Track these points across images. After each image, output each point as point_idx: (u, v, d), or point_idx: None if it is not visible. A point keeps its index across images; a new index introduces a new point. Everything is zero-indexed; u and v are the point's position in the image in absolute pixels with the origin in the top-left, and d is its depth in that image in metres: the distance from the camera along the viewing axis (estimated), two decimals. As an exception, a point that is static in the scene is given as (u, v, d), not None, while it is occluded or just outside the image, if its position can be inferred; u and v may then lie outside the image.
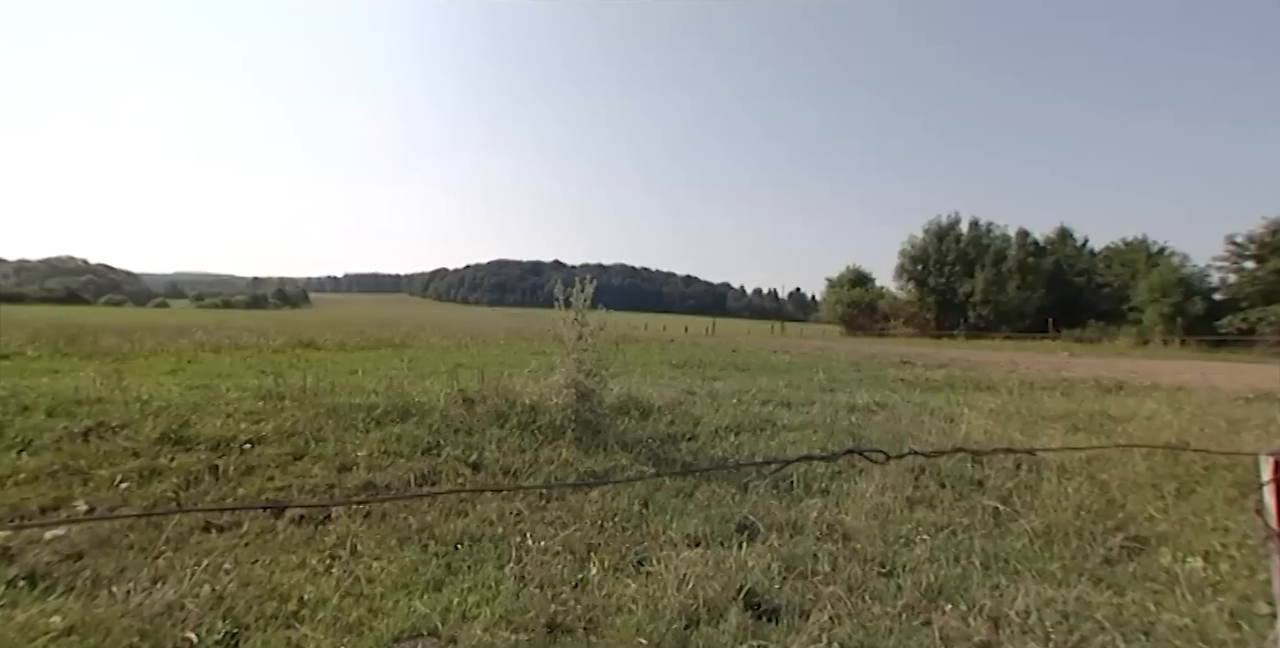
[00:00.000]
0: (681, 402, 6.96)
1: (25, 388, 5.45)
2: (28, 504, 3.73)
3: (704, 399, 7.27)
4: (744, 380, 9.77)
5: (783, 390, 8.38)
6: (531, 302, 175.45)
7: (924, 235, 50.10)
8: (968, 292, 46.10)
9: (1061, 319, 38.29)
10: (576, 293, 5.79)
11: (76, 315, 33.25)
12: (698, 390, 7.87)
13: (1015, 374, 12.44)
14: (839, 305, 53.93)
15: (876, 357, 16.91)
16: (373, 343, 14.73)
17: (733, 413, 6.69)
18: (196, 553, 3.42)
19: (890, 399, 7.98)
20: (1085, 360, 17.98)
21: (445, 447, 5.08)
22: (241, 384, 6.65)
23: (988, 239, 47.64)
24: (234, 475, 4.41)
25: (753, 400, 7.41)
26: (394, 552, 3.60)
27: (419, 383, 6.80)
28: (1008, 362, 16.17)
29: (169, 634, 2.61)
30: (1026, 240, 46.36)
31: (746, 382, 9.44)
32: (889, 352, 19.62)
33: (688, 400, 7.11)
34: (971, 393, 9.46)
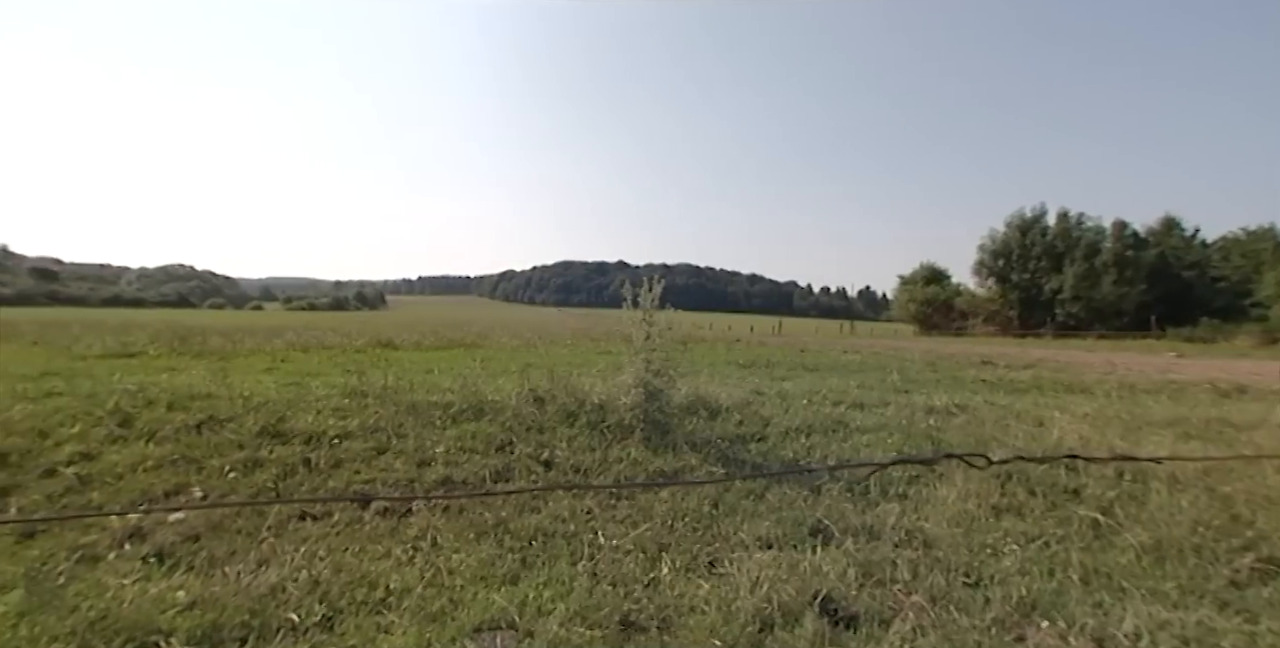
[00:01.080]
0: (750, 402, 6.88)
1: (149, 384, 6.00)
2: (154, 489, 4.11)
3: (773, 400, 7.15)
4: (813, 381, 9.55)
5: (854, 391, 8.13)
6: (596, 302, 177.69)
7: (1005, 229, 47.35)
8: (1055, 288, 43.19)
9: (1167, 316, 35.15)
10: (644, 293, 5.82)
11: (186, 318, 36.27)
12: (766, 391, 7.75)
13: (1113, 376, 11.57)
14: (912, 304, 51.80)
15: (954, 357, 16.13)
16: (446, 343, 15.32)
17: (803, 414, 6.54)
18: (294, 540, 3.67)
19: (971, 401, 7.59)
20: (1197, 362, 16.47)
21: (518, 444, 5.22)
22: (329, 382, 7.05)
23: (1078, 232, 44.46)
24: (324, 468, 4.68)
25: (823, 401, 7.23)
26: (472, 545, 3.73)
27: (491, 382, 7.01)
28: (1103, 362, 15.06)
29: (274, 615, 2.81)
30: (1125, 232, 42.88)
31: (816, 382, 9.21)
32: (967, 352, 18.67)
33: (756, 401, 7.01)
34: (1062, 395, 8.87)
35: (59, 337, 12.30)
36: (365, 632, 2.74)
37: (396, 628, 2.79)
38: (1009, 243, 46.54)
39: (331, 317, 55.61)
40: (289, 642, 2.62)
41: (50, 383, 5.98)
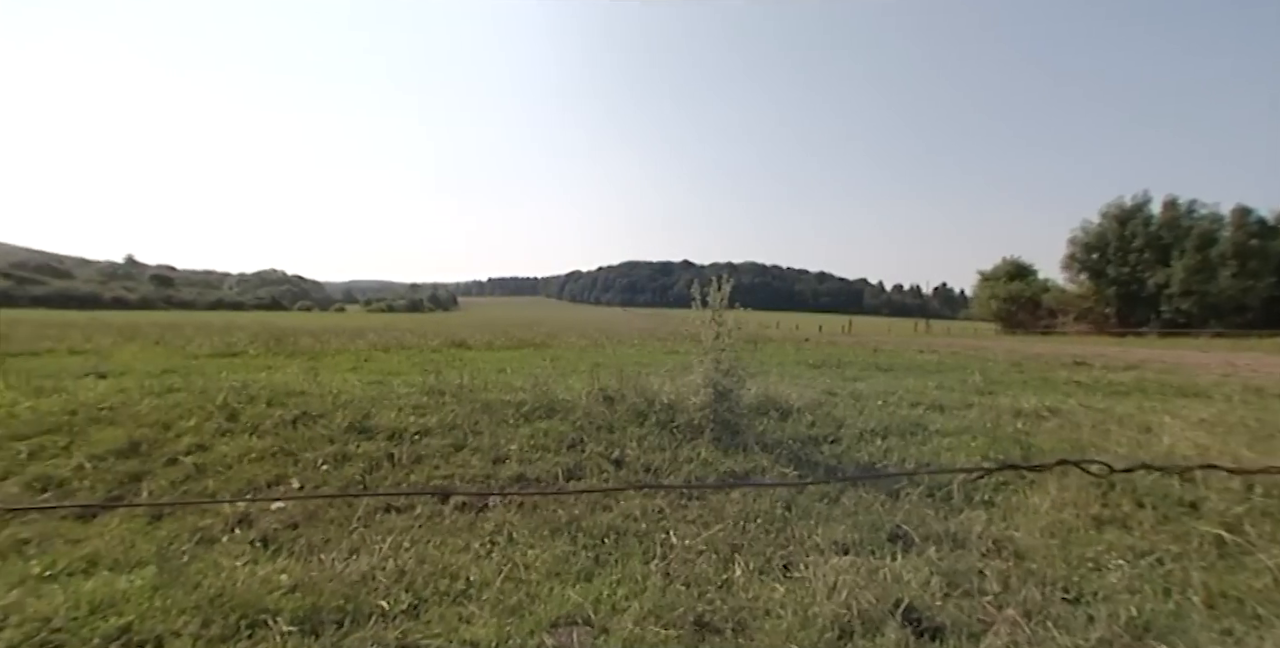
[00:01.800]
0: (822, 403, 6.70)
1: (251, 381, 6.48)
2: (258, 479, 4.43)
3: (846, 401, 6.94)
4: (888, 381, 9.20)
5: (933, 392, 7.77)
6: (661, 302, 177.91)
7: (1101, 220, 43.99)
8: (1160, 282, 39.76)
9: (1302, 312, 31.64)
10: (713, 292, 5.78)
11: (279, 319, 38.96)
12: (838, 391, 7.53)
13: (1234, 378, 10.54)
14: (994, 301, 49.03)
15: (1042, 357, 15.15)
16: (516, 343, 15.75)
17: (878, 415, 6.32)
18: (381, 531, 3.86)
19: (1065, 405, 7.10)
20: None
21: (588, 443, 5.29)
22: (409, 381, 7.38)
23: (1189, 221, 40.68)
24: (406, 463, 4.91)
25: (899, 403, 6.95)
26: (546, 541, 3.82)
27: (561, 381, 7.15)
28: (1221, 363, 13.75)
29: (365, 600, 2.97)
30: (1248, 219, 38.76)
31: (891, 383, 8.88)
32: (1057, 351, 17.49)
33: (828, 402, 6.82)
34: (1172, 399, 8.16)
35: (175, 337, 13.50)
36: (448, 621, 2.85)
37: (477, 619, 2.89)
38: (1105, 235, 43.23)
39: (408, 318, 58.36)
40: (380, 627, 2.75)
41: (170, 380, 6.57)
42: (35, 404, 5.25)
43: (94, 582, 2.87)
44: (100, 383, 6.38)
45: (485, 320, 46.25)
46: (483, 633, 2.74)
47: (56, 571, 3.05)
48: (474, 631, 2.77)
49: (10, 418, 4.91)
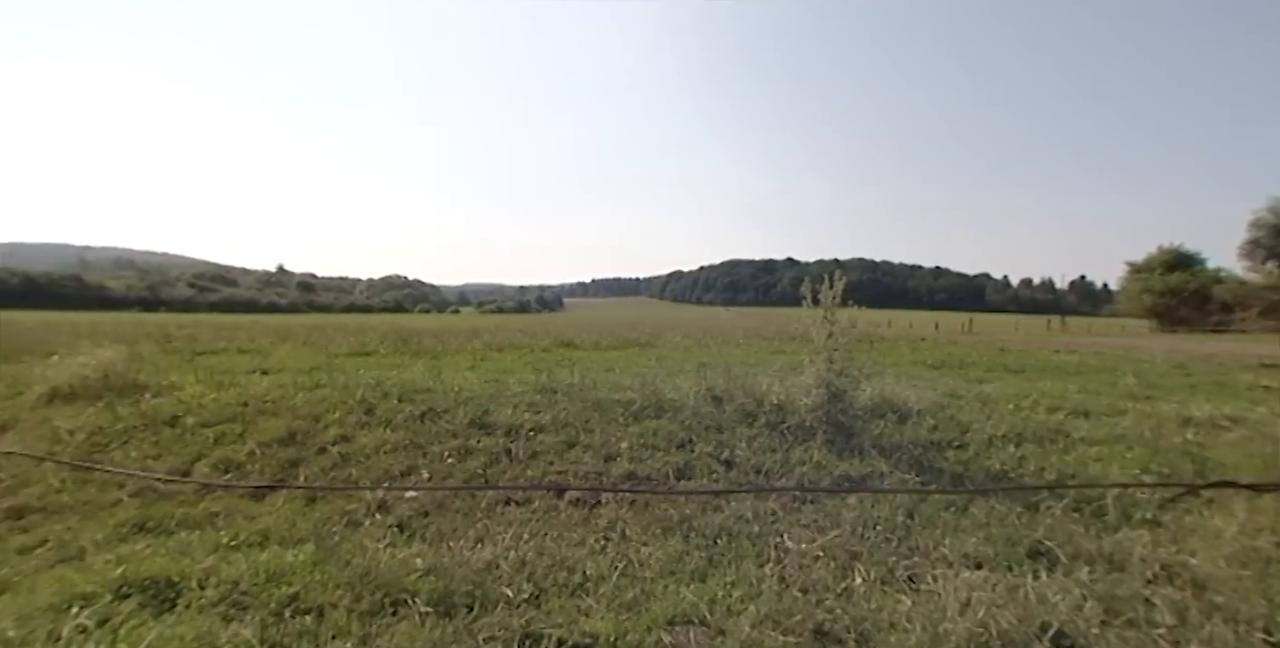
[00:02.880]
0: (944, 406, 6.27)
1: (384, 379, 7.08)
2: (393, 469, 4.82)
3: (971, 404, 6.44)
4: (1019, 384, 8.44)
5: (1075, 396, 7.03)
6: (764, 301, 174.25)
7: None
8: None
9: None
10: (825, 290, 5.57)
11: (403, 321, 42.11)
12: (962, 394, 7.00)
13: None
14: (1147, 295, 43.62)
15: (1215, 357, 13.28)
16: (621, 343, 16.04)
17: (1009, 421, 5.81)
18: (502, 522, 4.07)
19: (1252, 414, 6.15)
20: None
21: (697, 443, 5.28)
22: (522, 379, 7.72)
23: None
24: (523, 458, 5.13)
25: (1034, 407, 6.35)
26: (659, 540, 3.85)
27: (668, 381, 7.19)
28: None
29: (491, 587, 3.14)
30: None
31: (1023, 385, 8.14)
32: (1235, 351, 15.27)
33: (951, 405, 6.37)
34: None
35: (318, 338, 15.03)
36: (567, 613, 2.95)
37: (595, 613, 2.97)
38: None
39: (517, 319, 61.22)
40: (505, 614, 2.90)
41: (317, 376, 7.31)
42: (217, 396, 6.03)
43: (267, 554, 3.25)
44: (264, 379, 7.21)
45: (590, 321, 47.56)
46: (601, 626, 2.81)
47: (239, 542, 3.49)
48: (593, 624, 2.85)
49: (200, 408, 5.68)
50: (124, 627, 2.47)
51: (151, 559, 3.16)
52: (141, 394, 6.10)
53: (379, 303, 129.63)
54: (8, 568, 3.16)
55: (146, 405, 5.79)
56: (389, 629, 2.71)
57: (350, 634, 2.62)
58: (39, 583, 2.93)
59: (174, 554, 3.28)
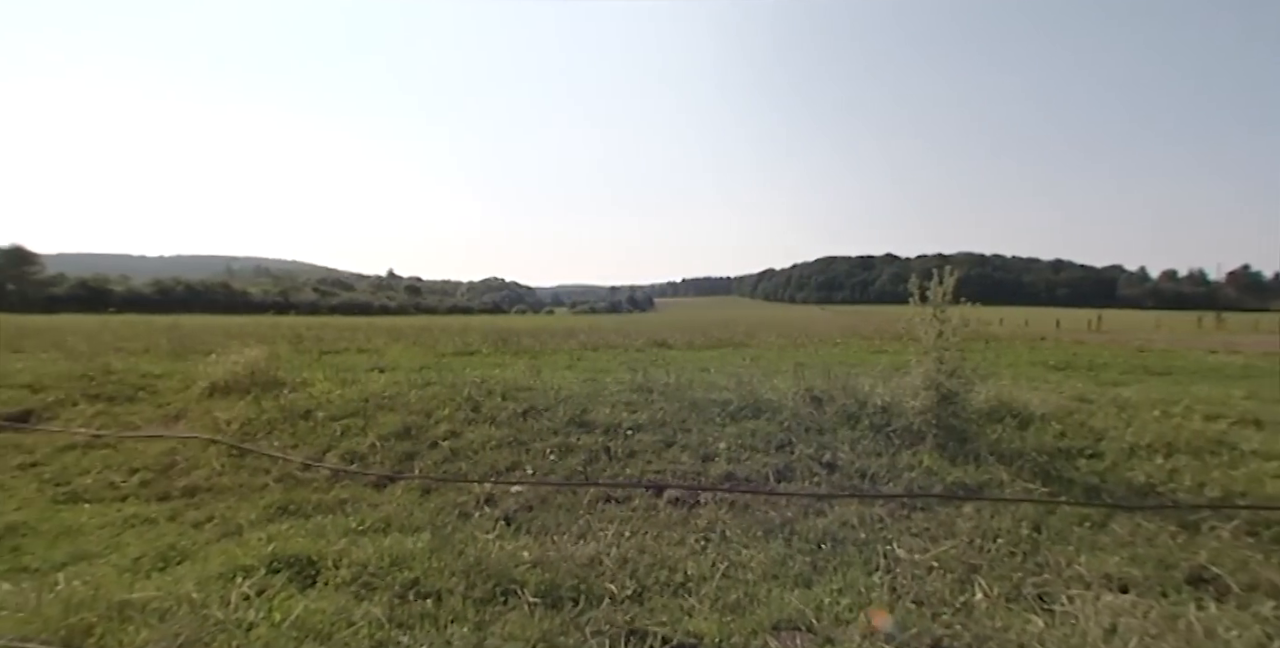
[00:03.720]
0: (1073, 411, 5.72)
1: (487, 377, 7.42)
2: (499, 464, 5.05)
3: (1106, 409, 5.84)
4: (1166, 387, 7.57)
5: (1241, 403, 6.18)
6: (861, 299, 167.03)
7: None
8: None
9: None
10: (934, 287, 5.25)
11: (501, 322, 43.99)
12: (1094, 397, 6.36)
13: None
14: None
15: None
16: (715, 342, 15.91)
17: (1155, 429, 5.21)
18: (603, 519, 4.15)
19: None
20: None
21: (797, 444, 5.14)
22: (618, 378, 7.83)
23: None
24: (621, 457, 5.20)
25: (1188, 414, 5.65)
26: (760, 543, 3.78)
27: (765, 381, 7.05)
28: None
29: (595, 583, 3.20)
30: None
31: (1170, 389, 7.28)
32: None
33: (1081, 409, 5.80)
34: None
35: (426, 338, 15.98)
36: (671, 612, 2.96)
37: (698, 613, 2.96)
38: None
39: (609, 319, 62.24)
40: (610, 610, 2.95)
41: (428, 374, 7.78)
42: (342, 392, 6.58)
43: (389, 540, 3.50)
44: (381, 377, 7.77)
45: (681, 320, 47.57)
46: (705, 627, 2.79)
47: (365, 527, 3.78)
48: (696, 624, 2.84)
49: (329, 403, 6.22)
50: (277, 598, 2.74)
51: (295, 539, 3.49)
52: (281, 390, 6.76)
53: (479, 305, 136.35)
54: (187, 539, 3.61)
55: (285, 400, 6.40)
56: (501, 617, 2.83)
57: (467, 620, 2.76)
58: (210, 553, 3.32)
59: (312, 536, 3.61)
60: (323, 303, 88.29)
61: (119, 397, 7.01)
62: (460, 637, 2.62)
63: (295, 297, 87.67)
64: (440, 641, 2.59)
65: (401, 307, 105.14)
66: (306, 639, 2.45)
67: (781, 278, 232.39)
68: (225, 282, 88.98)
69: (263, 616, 2.61)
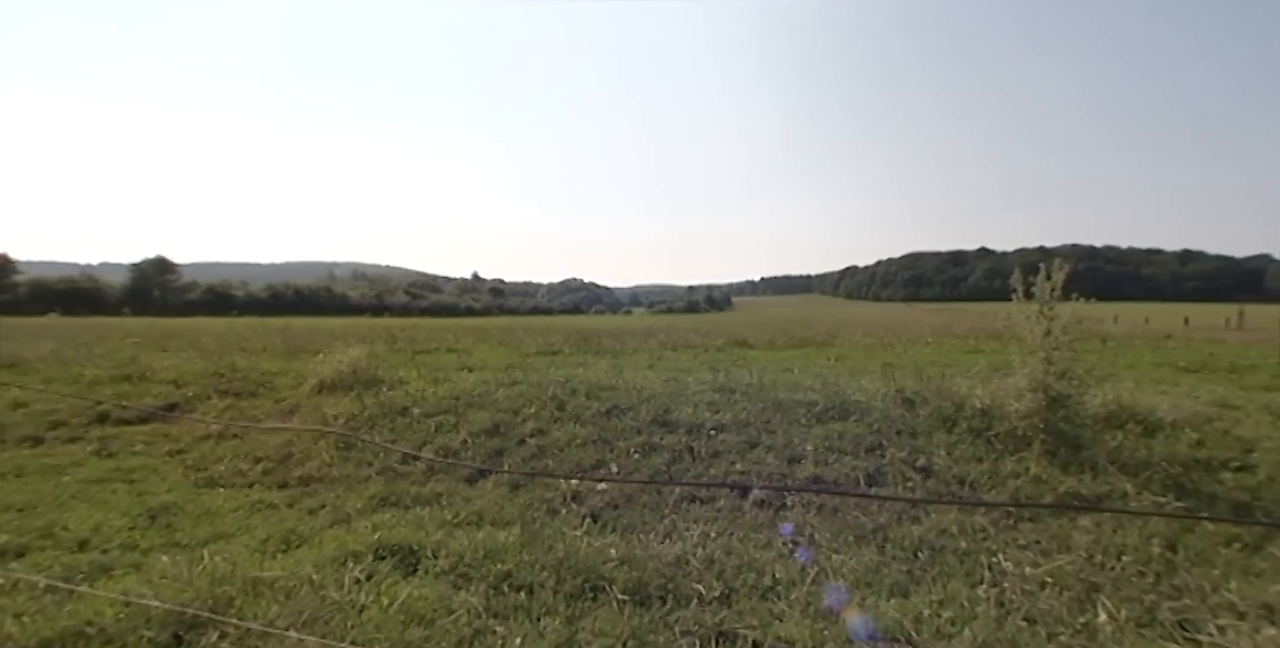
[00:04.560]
0: (1213, 418, 5.14)
1: (570, 376, 7.58)
2: (584, 462, 5.14)
3: (1256, 415, 5.21)
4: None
5: None
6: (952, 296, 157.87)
7: None
8: None
9: None
10: (1040, 282, 4.86)
11: (581, 322, 44.88)
12: (1239, 403, 5.69)
13: None
14: None
15: None
16: (797, 342, 15.52)
17: (1318, 439, 4.60)
18: (688, 519, 4.13)
19: None
20: None
21: (889, 448, 4.92)
22: (700, 378, 7.78)
23: None
24: (705, 457, 5.16)
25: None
26: (851, 548, 3.64)
27: (852, 382, 6.80)
28: None
29: (682, 583, 3.20)
30: None
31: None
32: None
33: (1224, 416, 5.20)
34: None
35: (510, 338, 16.56)
36: (760, 615, 2.90)
37: (788, 617, 2.88)
38: None
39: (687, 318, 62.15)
40: (698, 610, 2.93)
41: (514, 374, 8.05)
42: (435, 390, 6.92)
43: (483, 533, 3.64)
44: (470, 376, 8.12)
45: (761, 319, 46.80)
46: (796, 632, 2.72)
47: (459, 520, 3.95)
48: (787, 628, 2.77)
49: (423, 400, 6.56)
50: (384, 583, 2.92)
51: (397, 529, 3.70)
52: (380, 387, 7.20)
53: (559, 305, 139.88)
54: (304, 525, 3.91)
55: (384, 397, 6.80)
56: (591, 613, 2.88)
57: (558, 614, 2.83)
58: (324, 539, 3.58)
59: (412, 526, 3.81)
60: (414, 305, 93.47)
61: (243, 392, 7.70)
62: (553, 630, 2.69)
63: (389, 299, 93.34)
64: (534, 632, 2.66)
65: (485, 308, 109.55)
66: (411, 624, 2.59)
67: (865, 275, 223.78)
68: (328, 286, 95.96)
69: (372, 599, 2.78)
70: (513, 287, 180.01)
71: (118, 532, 3.76)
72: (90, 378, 8.37)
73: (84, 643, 2.32)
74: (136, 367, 8.87)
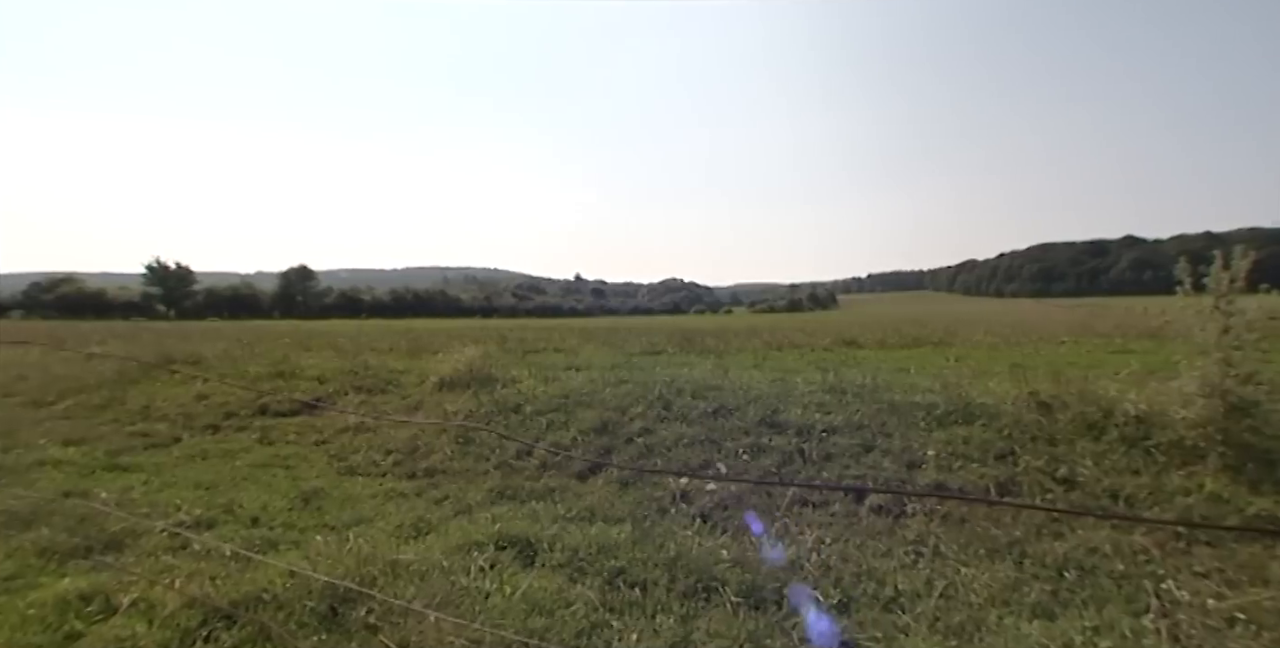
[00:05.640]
0: None
1: (675, 376, 7.61)
2: (691, 461, 5.13)
3: None
4: None
5: None
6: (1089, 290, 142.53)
7: None
8: None
9: None
10: (1216, 272, 4.25)
11: (682, 322, 45.10)
12: None
13: None
14: None
15: None
16: (910, 341, 14.65)
17: None
18: (800, 523, 4.01)
19: None
20: None
21: (1022, 455, 4.52)
22: (808, 378, 7.54)
23: None
24: (816, 459, 4.99)
25: None
26: (983, 563, 3.38)
27: (976, 383, 6.31)
28: None
29: (798, 589, 3.11)
30: None
31: None
32: None
33: None
34: None
35: (613, 338, 16.90)
36: (883, 627, 2.76)
37: (914, 632, 2.72)
38: None
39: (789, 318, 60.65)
40: (816, 618, 2.83)
41: (620, 373, 8.20)
42: (545, 389, 7.19)
43: (595, 529, 3.73)
44: (577, 375, 8.36)
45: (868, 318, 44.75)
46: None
47: (572, 515, 4.08)
48: (914, 643, 2.63)
49: (534, 398, 6.84)
50: (505, 572, 3.07)
51: (515, 521, 3.87)
52: (495, 385, 7.58)
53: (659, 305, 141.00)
54: (431, 514, 4.20)
55: (499, 395, 7.16)
56: (705, 613, 2.87)
57: (672, 612, 2.84)
58: (449, 528, 3.82)
59: (529, 519, 3.97)
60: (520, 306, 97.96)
61: (375, 389, 8.39)
62: (667, 628, 2.70)
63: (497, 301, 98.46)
64: (649, 629, 2.69)
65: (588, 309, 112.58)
66: (533, 613, 2.70)
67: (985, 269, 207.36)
68: (442, 289, 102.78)
69: (495, 586, 2.93)
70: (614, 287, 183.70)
71: (280, 512, 4.22)
72: (253, 374, 9.46)
73: (261, 607, 2.63)
74: (287, 364, 9.92)
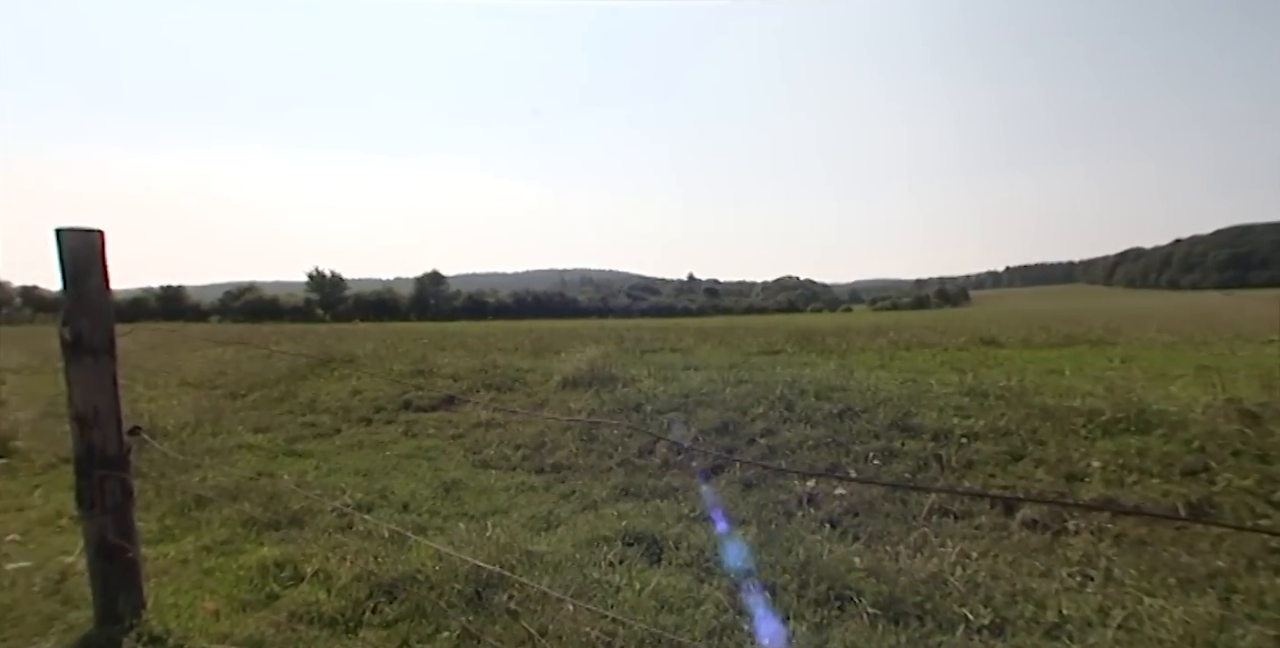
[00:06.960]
0: None
1: (797, 376, 7.37)
2: (816, 464, 4.94)
3: None
4: None
5: None
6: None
7: None
8: None
9: None
10: None
11: (798, 320, 43.57)
12: None
13: None
14: None
15: None
16: (1062, 340, 13.14)
17: None
18: (940, 534, 3.72)
19: None
20: None
21: (1220, 472, 3.89)
22: (943, 379, 7.01)
23: None
24: (956, 467, 4.62)
25: None
26: (1174, 594, 2.95)
27: (1152, 387, 5.54)
28: None
29: (941, 603, 2.88)
30: None
31: None
32: None
33: None
34: None
35: (729, 337, 16.68)
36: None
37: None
38: None
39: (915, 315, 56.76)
40: (965, 638, 2.62)
41: (738, 373, 8.08)
42: (664, 388, 7.24)
43: (719, 529, 3.69)
44: (696, 374, 8.34)
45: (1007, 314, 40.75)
46: (1101, 688, 2.27)
47: (695, 514, 4.06)
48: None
49: (654, 397, 6.91)
50: (633, 568, 3.11)
51: (640, 518, 3.92)
52: (615, 384, 7.75)
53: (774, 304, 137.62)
54: (559, 508, 4.37)
55: (619, 394, 7.31)
56: (839, 623, 2.74)
57: (804, 619, 2.74)
58: (577, 522, 3.95)
59: (653, 517, 4.01)
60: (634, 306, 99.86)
61: (503, 386, 8.89)
62: (800, 634, 2.61)
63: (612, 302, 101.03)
64: (780, 634, 2.61)
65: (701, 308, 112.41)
66: (664, 610, 2.71)
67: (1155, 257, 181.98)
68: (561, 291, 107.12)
69: (625, 581, 2.98)
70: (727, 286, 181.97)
71: (426, 500, 4.58)
72: (397, 372, 10.38)
73: (416, 585, 2.87)
74: (426, 363, 10.76)
